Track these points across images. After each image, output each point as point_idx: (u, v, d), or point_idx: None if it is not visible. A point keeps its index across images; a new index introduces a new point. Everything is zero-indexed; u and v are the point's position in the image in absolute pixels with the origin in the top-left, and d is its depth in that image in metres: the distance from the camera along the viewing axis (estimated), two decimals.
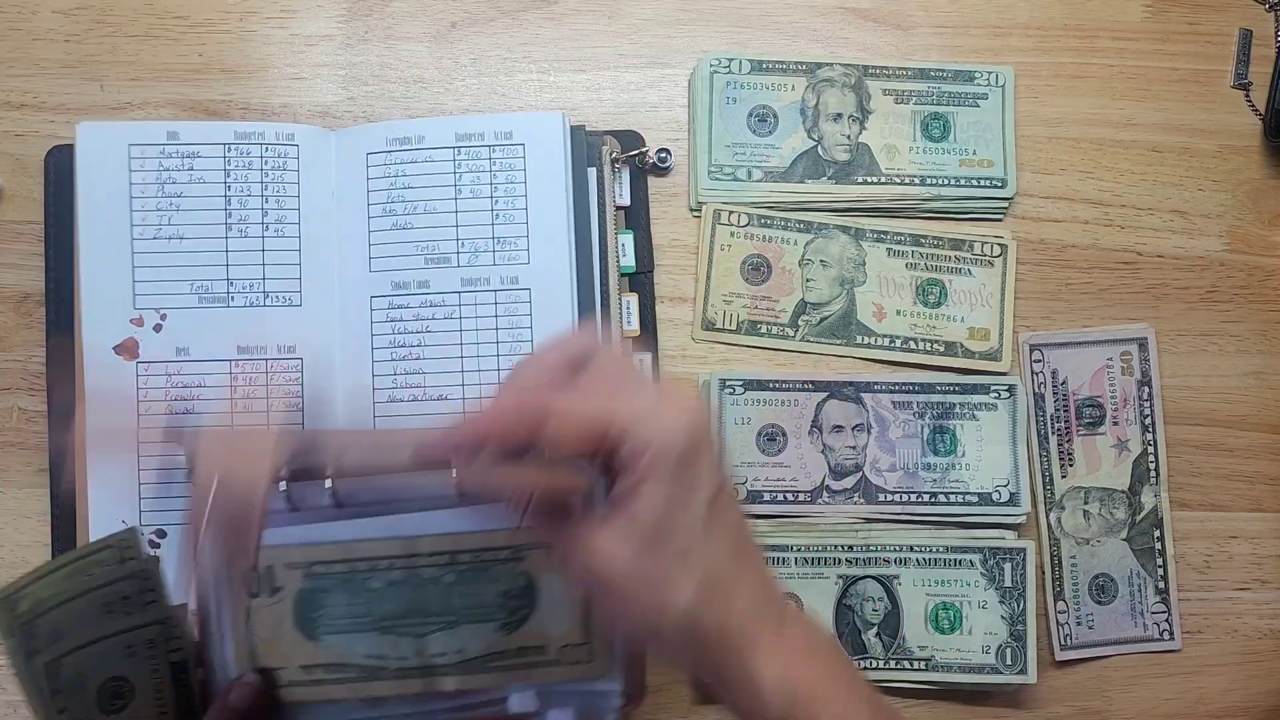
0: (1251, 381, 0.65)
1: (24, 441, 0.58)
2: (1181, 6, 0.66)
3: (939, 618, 0.60)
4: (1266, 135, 0.65)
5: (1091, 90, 0.65)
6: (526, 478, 0.37)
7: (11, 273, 0.59)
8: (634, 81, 0.63)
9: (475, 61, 0.63)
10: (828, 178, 0.63)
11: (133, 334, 0.56)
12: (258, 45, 0.62)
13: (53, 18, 0.61)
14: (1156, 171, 0.65)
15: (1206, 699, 0.63)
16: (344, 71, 0.62)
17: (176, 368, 0.56)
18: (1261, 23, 0.67)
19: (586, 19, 0.64)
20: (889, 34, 0.65)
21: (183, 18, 0.61)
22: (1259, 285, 0.65)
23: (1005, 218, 0.64)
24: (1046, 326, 0.63)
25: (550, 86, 0.63)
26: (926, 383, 0.62)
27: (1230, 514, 0.64)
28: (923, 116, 0.63)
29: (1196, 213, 0.65)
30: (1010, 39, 0.65)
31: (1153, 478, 0.63)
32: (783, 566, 0.60)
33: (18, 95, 0.60)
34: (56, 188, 0.57)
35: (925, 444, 0.61)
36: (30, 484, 0.58)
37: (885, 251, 0.62)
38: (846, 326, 0.62)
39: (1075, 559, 0.62)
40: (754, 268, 0.62)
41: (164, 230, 0.57)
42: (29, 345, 0.59)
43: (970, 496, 0.61)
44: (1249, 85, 0.66)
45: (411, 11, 0.63)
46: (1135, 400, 0.63)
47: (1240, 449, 0.64)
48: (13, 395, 0.59)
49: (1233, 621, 0.63)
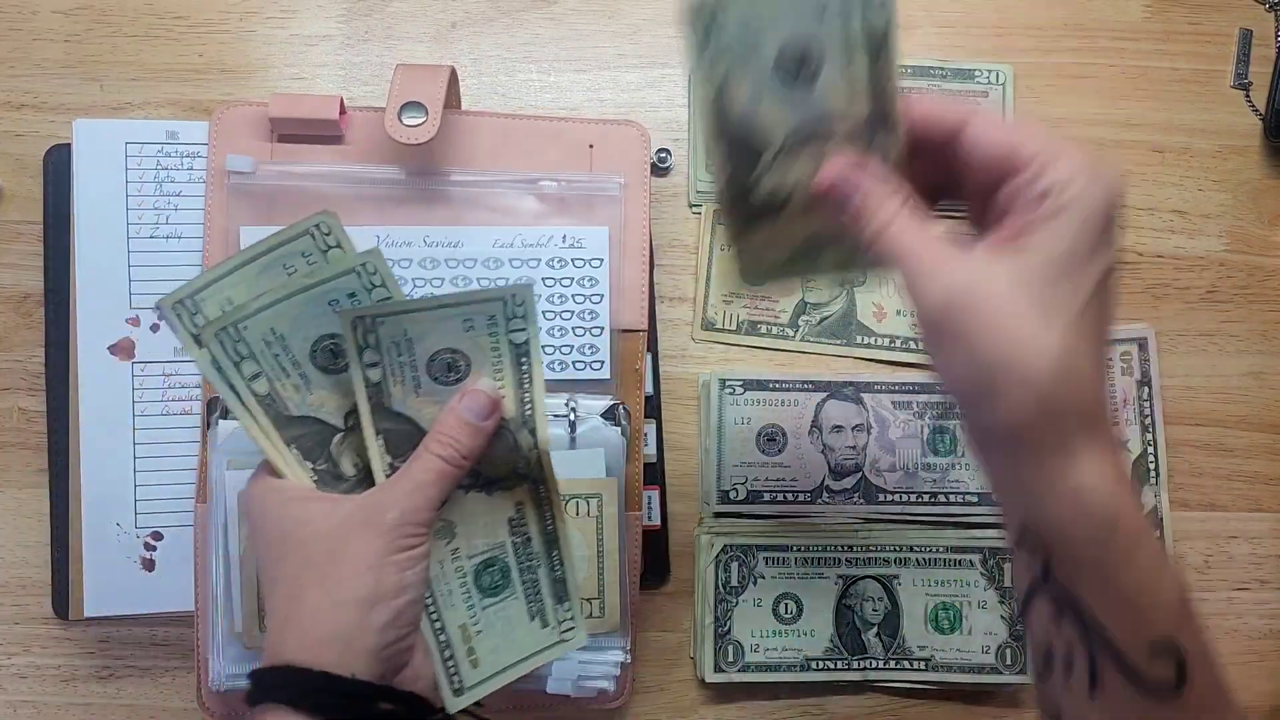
0: (1251, 381, 0.65)
1: (24, 441, 0.58)
2: (1182, 6, 0.66)
3: (939, 618, 0.60)
4: (1267, 135, 0.65)
5: (1092, 90, 0.65)
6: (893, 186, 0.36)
7: (11, 273, 0.59)
8: (634, 81, 0.63)
9: (475, 61, 0.63)
10: None
11: (129, 334, 0.56)
12: (258, 45, 0.62)
13: (53, 18, 0.61)
14: (1157, 171, 0.65)
15: None
16: (344, 72, 0.62)
17: (174, 368, 0.56)
18: (1262, 23, 0.66)
19: (587, 19, 0.64)
20: None
21: (183, 18, 0.61)
22: (1259, 285, 0.65)
23: None
24: None
25: (550, 86, 0.63)
26: (926, 383, 0.62)
27: (1230, 514, 0.64)
28: None
29: (1196, 213, 0.65)
30: (1011, 39, 0.65)
31: (1153, 478, 0.63)
32: (782, 566, 0.60)
33: (18, 95, 0.60)
34: (55, 187, 0.57)
35: (925, 444, 0.61)
36: (30, 484, 0.58)
37: None
38: (847, 326, 0.62)
39: None
40: None
41: (161, 229, 0.57)
42: (29, 345, 0.59)
43: (970, 496, 0.61)
44: (1249, 85, 0.66)
45: (411, 11, 0.63)
46: (1135, 400, 0.63)
47: (1240, 449, 0.64)
48: (12, 395, 0.59)
49: (1233, 621, 0.63)
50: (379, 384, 0.41)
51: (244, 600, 0.51)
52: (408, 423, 0.41)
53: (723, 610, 0.59)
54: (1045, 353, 0.32)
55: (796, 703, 0.60)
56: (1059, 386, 0.32)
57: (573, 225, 0.57)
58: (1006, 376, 0.32)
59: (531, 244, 0.57)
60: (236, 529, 0.51)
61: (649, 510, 0.58)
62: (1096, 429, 0.34)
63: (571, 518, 0.51)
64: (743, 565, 0.60)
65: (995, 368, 0.33)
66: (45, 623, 0.58)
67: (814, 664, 0.60)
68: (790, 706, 0.60)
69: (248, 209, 0.56)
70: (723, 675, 0.59)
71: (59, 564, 0.56)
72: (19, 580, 0.58)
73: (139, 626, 0.58)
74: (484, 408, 0.40)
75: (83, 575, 0.55)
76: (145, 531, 0.56)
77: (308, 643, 0.37)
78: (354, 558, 0.38)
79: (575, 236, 0.57)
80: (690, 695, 0.60)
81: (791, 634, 0.60)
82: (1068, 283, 0.33)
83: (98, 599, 0.55)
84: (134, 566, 0.56)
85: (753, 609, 0.60)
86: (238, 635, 0.52)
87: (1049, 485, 0.33)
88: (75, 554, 0.55)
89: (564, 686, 0.53)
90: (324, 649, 0.36)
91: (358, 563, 0.37)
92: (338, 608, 0.37)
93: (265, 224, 0.55)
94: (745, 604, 0.60)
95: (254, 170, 0.55)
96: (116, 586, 0.55)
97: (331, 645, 0.37)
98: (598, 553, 0.51)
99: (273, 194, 0.56)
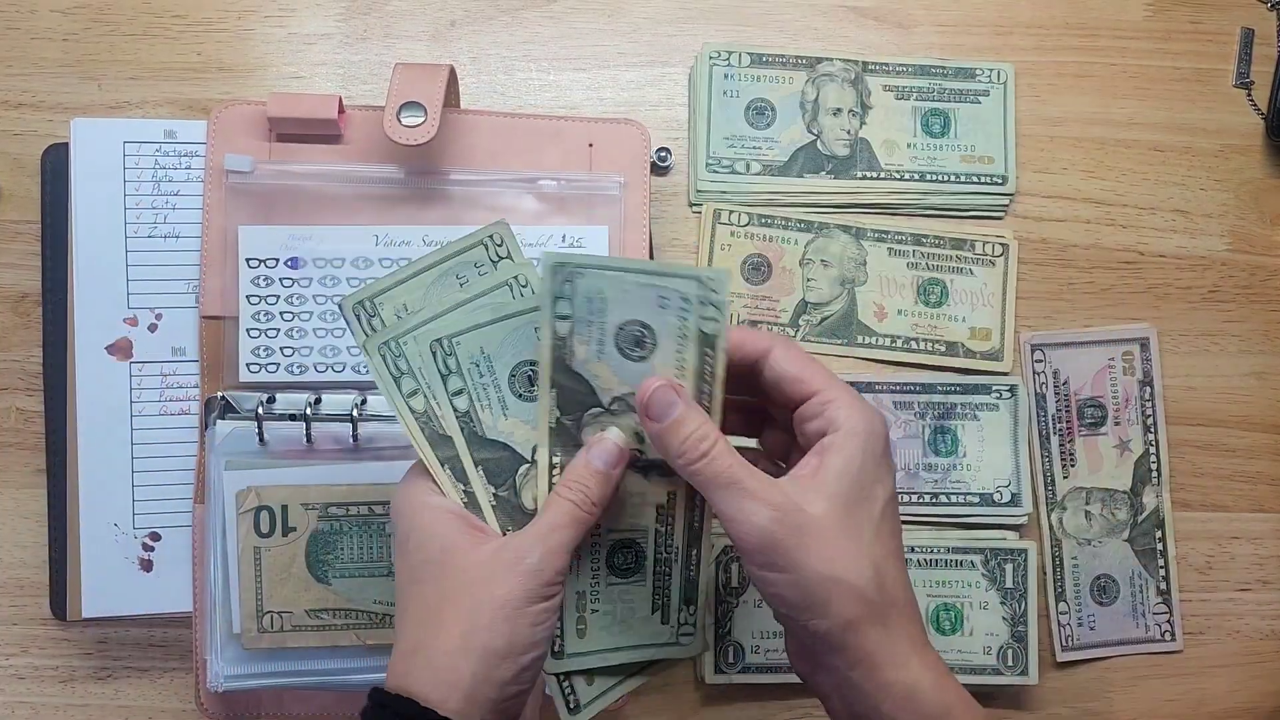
0: (1253, 381, 0.64)
1: (22, 442, 0.58)
2: (1183, 5, 0.66)
3: (940, 618, 0.60)
4: (1268, 134, 0.65)
5: (1093, 89, 0.65)
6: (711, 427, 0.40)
7: (10, 273, 0.59)
8: (634, 80, 0.63)
9: (475, 60, 0.63)
10: (826, 172, 0.62)
11: (126, 334, 0.56)
12: (256, 44, 0.62)
13: (51, 17, 0.61)
14: (1158, 171, 0.65)
15: (1208, 700, 0.62)
16: (343, 70, 0.62)
17: (172, 368, 0.56)
18: (1263, 22, 0.66)
19: (586, 17, 0.63)
20: (890, 32, 0.64)
21: (181, 16, 0.61)
22: (1261, 285, 0.65)
23: (1006, 216, 0.64)
24: (1048, 326, 0.63)
25: (550, 85, 0.63)
26: (928, 383, 0.62)
27: (1232, 514, 0.64)
28: (923, 112, 0.63)
29: (1198, 212, 0.65)
30: (1012, 38, 0.65)
31: (1154, 478, 0.63)
32: None
33: (16, 94, 0.60)
34: (53, 186, 0.57)
35: (926, 444, 0.61)
36: (28, 484, 0.58)
37: (886, 251, 0.62)
38: (847, 326, 0.62)
39: (1077, 560, 0.62)
40: (754, 267, 0.62)
41: (159, 229, 0.56)
42: (27, 345, 0.58)
43: (971, 497, 0.61)
44: (1251, 84, 0.66)
45: (410, 10, 0.63)
46: (1137, 400, 0.63)
47: (1242, 449, 0.64)
48: (11, 395, 0.58)
49: (1234, 622, 0.63)
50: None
51: (242, 601, 0.51)
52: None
53: (723, 611, 0.59)
54: (863, 563, 0.38)
55: (797, 703, 0.60)
56: (879, 591, 0.38)
57: (572, 225, 0.57)
58: (838, 588, 0.38)
59: (531, 244, 0.56)
60: (235, 529, 0.51)
61: None
62: (914, 623, 0.40)
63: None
64: (743, 566, 0.59)
65: (829, 581, 0.38)
66: (43, 623, 0.58)
67: None
68: (790, 708, 0.60)
69: (246, 208, 0.56)
70: (723, 676, 0.59)
71: (57, 565, 0.56)
72: (17, 581, 0.58)
73: (137, 627, 0.58)
74: (612, 457, 0.41)
75: (80, 576, 0.55)
76: (143, 532, 0.55)
77: (436, 682, 0.38)
78: (494, 603, 0.38)
79: (575, 236, 0.57)
80: (690, 696, 0.60)
81: None
82: (865, 502, 0.39)
83: (95, 600, 0.55)
84: (132, 567, 0.55)
85: (753, 609, 0.59)
86: (236, 636, 0.52)
87: (883, 687, 0.38)
88: (73, 555, 0.55)
89: None
90: (451, 692, 0.37)
91: (496, 610, 0.38)
92: (470, 654, 0.38)
93: (264, 224, 0.55)
94: (745, 605, 0.59)
95: (252, 170, 0.55)
96: (114, 587, 0.55)
97: (457, 689, 0.37)
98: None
99: (271, 193, 0.56)
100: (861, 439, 0.39)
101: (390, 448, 0.53)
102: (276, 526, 0.51)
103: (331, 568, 0.51)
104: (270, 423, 0.52)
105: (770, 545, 0.38)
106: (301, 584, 0.51)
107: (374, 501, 0.51)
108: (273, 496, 0.51)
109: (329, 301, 0.55)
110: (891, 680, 0.38)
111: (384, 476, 0.52)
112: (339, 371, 0.55)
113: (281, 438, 0.53)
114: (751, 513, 0.38)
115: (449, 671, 0.38)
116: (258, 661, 0.52)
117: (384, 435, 0.53)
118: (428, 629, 0.39)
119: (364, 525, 0.51)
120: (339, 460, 0.52)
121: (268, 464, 0.52)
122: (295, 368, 0.55)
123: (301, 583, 0.51)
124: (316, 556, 0.51)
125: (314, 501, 0.51)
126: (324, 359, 0.55)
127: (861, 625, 0.38)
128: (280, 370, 0.55)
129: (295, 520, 0.51)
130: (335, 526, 0.51)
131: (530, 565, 0.39)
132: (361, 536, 0.51)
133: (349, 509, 0.51)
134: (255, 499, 0.51)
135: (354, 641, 0.52)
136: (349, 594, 0.51)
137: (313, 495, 0.51)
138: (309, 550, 0.51)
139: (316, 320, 0.55)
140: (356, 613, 0.51)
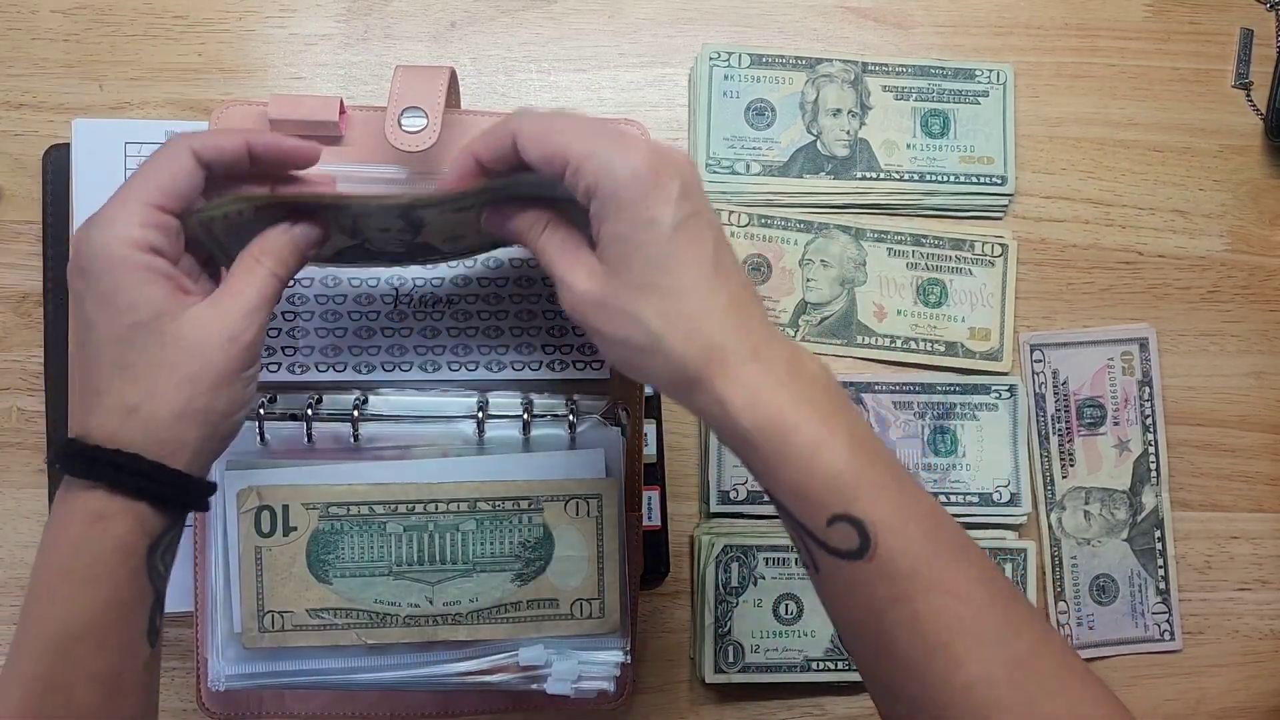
0: (1252, 381, 0.64)
1: (23, 441, 0.58)
2: (1183, 6, 0.66)
3: None
4: (1267, 135, 0.65)
5: (1092, 90, 0.65)
6: (540, 214, 0.41)
7: (11, 273, 0.59)
8: (634, 80, 0.63)
9: (475, 61, 0.63)
10: (826, 173, 0.62)
11: None
12: (257, 45, 0.62)
13: (52, 17, 0.61)
14: (1157, 171, 0.65)
15: (1207, 699, 0.63)
16: (343, 71, 0.62)
17: None
18: (1262, 22, 0.66)
19: (586, 18, 0.64)
20: (889, 33, 0.64)
21: (182, 17, 0.61)
22: (1260, 285, 0.65)
23: (1005, 217, 0.64)
24: (1047, 326, 0.63)
25: (550, 86, 0.63)
26: (927, 383, 0.62)
27: (1231, 514, 0.64)
28: (923, 113, 0.63)
29: (1197, 212, 0.65)
30: (1011, 38, 0.65)
31: (1154, 478, 0.63)
32: (782, 567, 0.60)
33: (17, 95, 0.60)
34: (54, 187, 0.57)
35: (926, 444, 0.61)
36: (29, 484, 0.58)
37: (886, 251, 0.62)
38: (847, 326, 0.62)
39: (1076, 559, 0.62)
40: (754, 267, 0.62)
41: None
42: (28, 345, 0.59)
43: (971, 497, 0.61)
44: (1250, 85, 0.66)
45: (411, 11, 0.63)
46: (1136, 400, 0.63)
47: (1241, 449, 0.64)
48: (12, 395, 0.59)
49: (1233, 622, 0.63)
50: None
51: (243, 600, 0.51)
52: None
53: (723, 611, 0.59)
54: (638, 338, 0.38)
55: (797, 703, 0.60)
56: (674, 350, 0.37)
57: None
58: (637, 371, 0.39)
59: None
60: (236, 529, 0.51)
61: (649, 510, 0.58)
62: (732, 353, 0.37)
63: (571, 519, 0.51)
64: (743, 566, 0.59)
65: (627, 369, 0.39)
66: None
67: (814, 664, 0.59)
68: (790, 707, 0.60)
69: None
70: (723, 676, 0.59)
71: None
72: (18, 581, 0.58)
73: None
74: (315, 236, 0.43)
75: None
76: None
77: (158, 440, 0.39)
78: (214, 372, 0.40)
79: None
80: (690, 696, 0.60)
81: (792, 634, 0.60)
82: (638, 266, 0.37)
83: None
84: None
85: (753, 609, 0.59)
86: (237, 635, 0.52)
87: (704, 409, 0.38)
88: None
89: (564, 688, 0.53)
90: (179, 449, 0.40)
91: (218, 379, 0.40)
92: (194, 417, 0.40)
93: None
94: (745, 604, 0.59)
95: None
96: None
97: (186, 448, 0.40)
98: (598, 553, 0.51)
99: None
100: (607, 195, 0.37)
101: (391, 448, 0.53)
102: (277, 526, 0.51)
103: (332, 567, 0.51)
104: (271, 422, 0.52)
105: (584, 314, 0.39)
106: (302, 584, 0.51)
107: (374, 501, 0.51)
108: (274, 496, 0.51)
109: (330, 301, 0.55)
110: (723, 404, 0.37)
111: (385, 476, 0.52)
112: (340, 371, 0.55)
113: (282, 437, 0.53)
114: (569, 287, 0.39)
115: (171, 433, 0.39)
116: (259, 661, 0.52)
117: (384, 435, 0.53)
118: (144, 391, 0.39)
119: (365, 525, 0.51)
120: (340, 460, 0.53)
121: (268, 464, 0.52)
122: (296, 367, 0.55)
123: (302, 582, 0.51)
124: (317, 556, 0.51)
125: (315, 501, 0.51)
126: (325, 359, 0.55)
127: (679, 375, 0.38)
128: (281, 370, 0.55)
129: (296, 520, 0.51)
130: (336, 526, 0.51)
131: (246, 342, 0.40)
132: (362, 536, 0.52)
133: (350, 508, 0.51)
134: (256, 499, 0.51)
135: (355, 641, 0.52)
136: (350, 594, 0.51)
137: (313, 495, 0.51)
138: (310, 550, 0.51)
139: (318, 320, 0.55)
140: (357, 612, 0.51)
